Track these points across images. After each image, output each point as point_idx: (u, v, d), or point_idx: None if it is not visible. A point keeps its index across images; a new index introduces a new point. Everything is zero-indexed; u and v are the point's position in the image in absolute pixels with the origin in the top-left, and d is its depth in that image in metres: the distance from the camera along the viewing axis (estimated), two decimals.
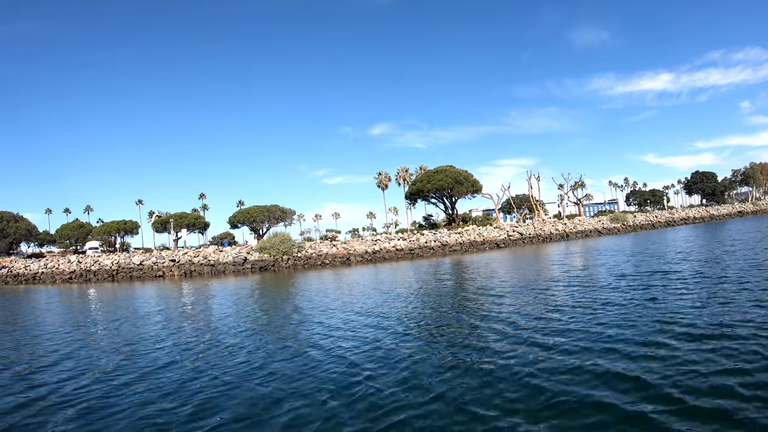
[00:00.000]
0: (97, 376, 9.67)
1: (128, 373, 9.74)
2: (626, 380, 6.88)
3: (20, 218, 70.94)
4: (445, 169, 62.16)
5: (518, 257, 36.67)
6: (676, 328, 9.43)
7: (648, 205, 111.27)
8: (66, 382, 9.39)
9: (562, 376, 7.28)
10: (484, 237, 58.36)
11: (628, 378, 6.95)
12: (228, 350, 11.12)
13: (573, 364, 7.78)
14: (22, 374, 10.31)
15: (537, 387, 6.95)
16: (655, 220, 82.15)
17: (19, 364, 11.30)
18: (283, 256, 44.81)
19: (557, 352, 8.61)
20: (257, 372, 9.04)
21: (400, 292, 19.46)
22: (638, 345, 8.56)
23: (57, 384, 9.26)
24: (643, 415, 5.79)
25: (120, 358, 11.12)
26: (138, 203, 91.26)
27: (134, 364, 10.43)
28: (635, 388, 6.57)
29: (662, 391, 6.40)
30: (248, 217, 61.55)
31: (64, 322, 18.42)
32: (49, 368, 10.69)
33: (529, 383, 7.14)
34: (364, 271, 35.81)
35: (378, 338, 11.09)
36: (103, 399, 8.15)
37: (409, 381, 7.76)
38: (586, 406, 6.16)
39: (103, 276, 47.25)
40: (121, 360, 10.96)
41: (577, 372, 7.41)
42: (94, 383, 9.11)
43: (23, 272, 52.02)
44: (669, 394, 6.30)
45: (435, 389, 7.23)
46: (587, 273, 20.73)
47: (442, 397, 6.94)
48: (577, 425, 5.74)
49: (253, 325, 14.36)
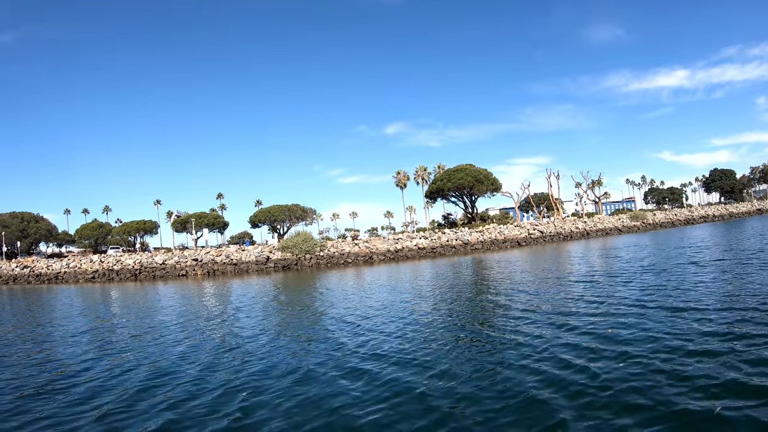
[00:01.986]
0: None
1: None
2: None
3: (40, 219, 71.47)
4: (465, 168, 61.59)
5: (545, 255, 35.90)
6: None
7: (666, 203, 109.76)
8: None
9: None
10: (505, 235, 57.74)
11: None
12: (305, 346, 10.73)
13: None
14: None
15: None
16: (674, 218, 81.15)
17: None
18: (306, 255, 44.49)
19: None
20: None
21: (438, 293, 18.87)
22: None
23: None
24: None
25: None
26: (156, 203, 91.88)
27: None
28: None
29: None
30: (269, 216, 61.35)
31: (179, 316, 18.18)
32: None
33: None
34: (388, 269, 35.29)
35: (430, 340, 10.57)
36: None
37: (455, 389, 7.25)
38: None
39: (126, 275, 47.25)
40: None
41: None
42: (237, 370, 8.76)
43: (45, 272, 52.25)
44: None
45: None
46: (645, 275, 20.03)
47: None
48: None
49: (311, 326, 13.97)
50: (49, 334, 15.88)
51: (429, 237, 53.34)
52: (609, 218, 76.15)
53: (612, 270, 20.51)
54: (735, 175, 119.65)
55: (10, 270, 54.76)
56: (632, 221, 73.56)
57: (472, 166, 62.50)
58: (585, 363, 7.63)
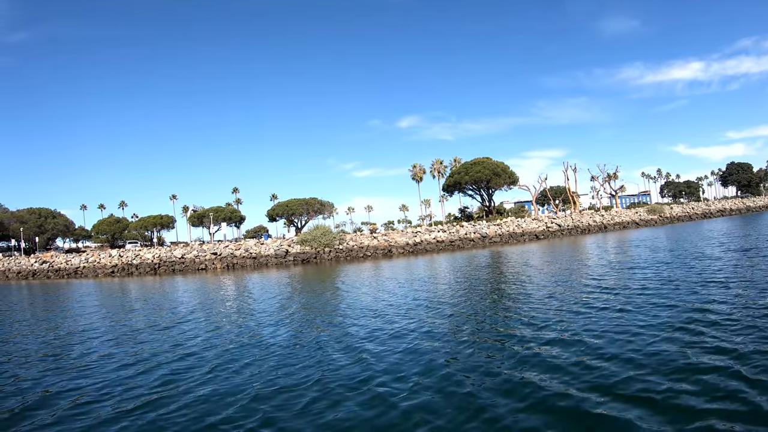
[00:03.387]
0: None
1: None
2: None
3: (58, 214, 71.92)
4: (482, 161, 60.98)
5: (564, 248, 35.30)
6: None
7: (682, 197, 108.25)
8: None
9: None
10: (523, 228, 57.14)
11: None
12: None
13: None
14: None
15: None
16: (691, 211, 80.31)
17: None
18: (325, 249, 44.22)
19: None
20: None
21: (469, 288, 18.48)
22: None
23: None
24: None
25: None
26: (172, 198, 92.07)
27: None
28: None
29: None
30: (287, 210, 61.14)
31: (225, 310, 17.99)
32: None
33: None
34: (408, 263, 34.87)
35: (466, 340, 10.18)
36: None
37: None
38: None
39: (145, 270, 47.28)
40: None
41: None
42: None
43: (64, 267, 52.47)
44: None
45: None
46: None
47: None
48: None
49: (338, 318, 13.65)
50: (134, 330, 15.76)
51: (447, 230, 52.88)
52: (626, 212, 75.18)
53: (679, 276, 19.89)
54: (752, 168, 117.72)
55: (29, 265, 55.10)
56: (649, 215, 72.76)
57: (490, 159, 61.87)
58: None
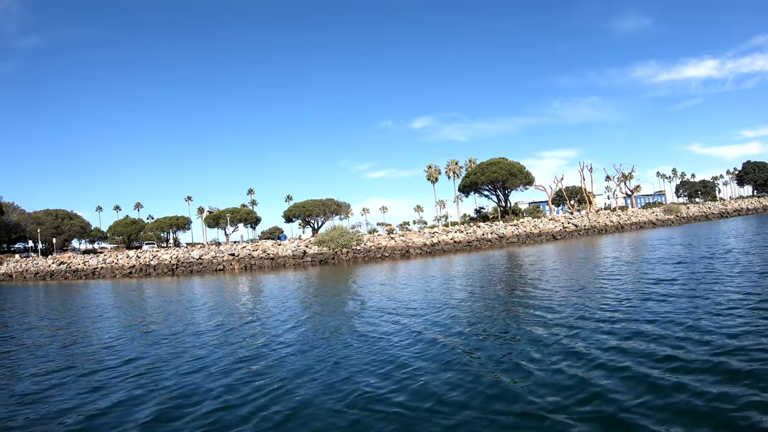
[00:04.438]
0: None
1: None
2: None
3: (74, 216, 72.48)
4: (498, 161, 60.55)
5: (582, 249, 34.76)
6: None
7: (698, 197, 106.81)
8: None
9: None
10: (540, 229, 56.65)
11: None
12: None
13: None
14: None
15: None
16: (708, 211, 79.42)
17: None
18: (343, 249, 44.00)
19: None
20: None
21: (491, 290, 18.16)
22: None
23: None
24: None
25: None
26: (187, 199, 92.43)
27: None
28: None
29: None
30: (304, 211, 61.06)
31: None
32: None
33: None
34: (426, 263, 34.52)
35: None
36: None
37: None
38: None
39: (163, 270, 47.36)
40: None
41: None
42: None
43: (82, 267, 52.72)
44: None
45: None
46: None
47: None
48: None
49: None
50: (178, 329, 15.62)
51: (464, 230, 52.48)
52: (643, 211, 74.35)
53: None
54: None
55: (47, 266, 55.43)
56: (666, 214, 72.05)
57: (506, 160, 61.37)
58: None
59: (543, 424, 5.35)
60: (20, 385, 8.81)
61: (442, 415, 5.85)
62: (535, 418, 5.53)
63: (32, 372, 9.65)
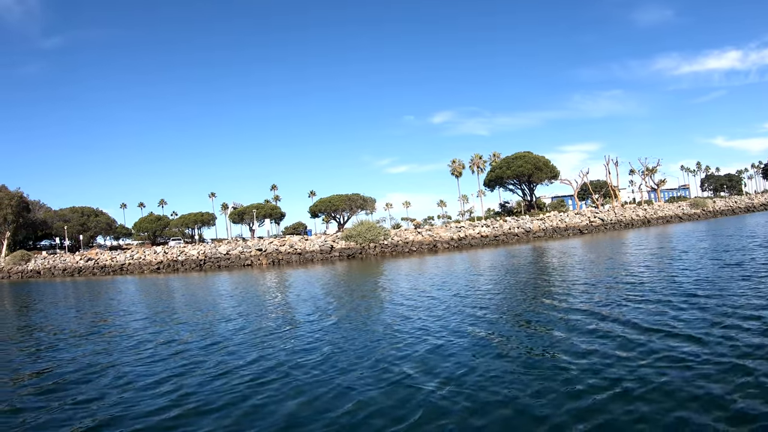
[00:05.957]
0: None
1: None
2: None
3: (100, 212, 73.44)
4: (523, 155, 59.80)
5: (611, 243, 33.92)
6: None
7: (723, 190, 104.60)
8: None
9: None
10: (566, 223, 55.84)
11: None
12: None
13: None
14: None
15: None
16: (734, 205, 77.77)
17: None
18: (370, 244, 43.75)
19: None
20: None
21: (533, 284, 17.66)
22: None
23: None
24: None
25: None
26: (211, 196, 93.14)
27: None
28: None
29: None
30: (330, 206, 61.06)
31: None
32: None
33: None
34: (454, 258, 34.02)
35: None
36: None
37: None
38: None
39: (190, 266, 47.55)
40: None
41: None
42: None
43: (110, 263, 53.22)
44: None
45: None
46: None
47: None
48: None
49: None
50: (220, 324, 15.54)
51: (491, 225, 51.89)
52: (669, 206, 72.98)
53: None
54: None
55: (74, 262, 56.08)
56: (692, 209, 70.68)
57: (531, 154, 60.61)
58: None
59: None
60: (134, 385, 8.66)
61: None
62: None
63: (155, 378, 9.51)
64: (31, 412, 6.73)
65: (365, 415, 5.73)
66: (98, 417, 6.34)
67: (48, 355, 10.51)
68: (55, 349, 11.18)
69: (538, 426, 5.08)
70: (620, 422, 5.00)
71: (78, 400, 7.09)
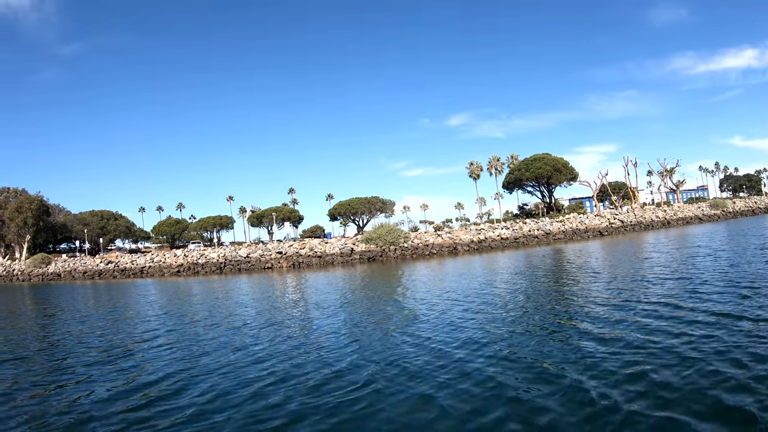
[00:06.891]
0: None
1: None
2: None
3: (119, 216, 74.30)
4: (542, 157, 59.45)
5: (634, 245, 33.37)
6: None
7: (743, 191, 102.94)
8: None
9: None
10: (586, 225, 55.34)
11: None
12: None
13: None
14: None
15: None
16: (754, 206, 76.69)
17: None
18: (390, 247, 43.64)
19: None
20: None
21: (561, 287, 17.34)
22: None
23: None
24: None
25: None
26: (229, 199, 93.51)
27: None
28: None
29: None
30: (349, 209, 61.17)
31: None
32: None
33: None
34: (475, 260, 33.71)
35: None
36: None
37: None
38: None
39: (211, 269, 47.79)
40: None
41: None
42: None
43: (130, 266, 53.66)
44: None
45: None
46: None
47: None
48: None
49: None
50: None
51: (511, 227, 51.55)
52: (689, 207, 72.00)
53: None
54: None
55: (95, 265, 56.66)
56: (712, 210, 69.73)
57: (549, 155, 60.22)
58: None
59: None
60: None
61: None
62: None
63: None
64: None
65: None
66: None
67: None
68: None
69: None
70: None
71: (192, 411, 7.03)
